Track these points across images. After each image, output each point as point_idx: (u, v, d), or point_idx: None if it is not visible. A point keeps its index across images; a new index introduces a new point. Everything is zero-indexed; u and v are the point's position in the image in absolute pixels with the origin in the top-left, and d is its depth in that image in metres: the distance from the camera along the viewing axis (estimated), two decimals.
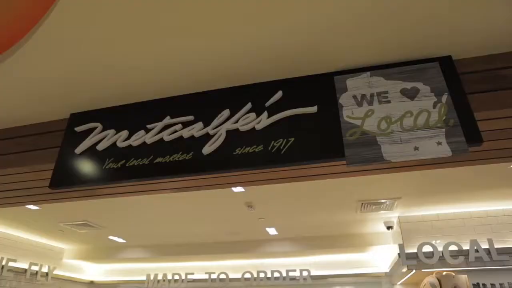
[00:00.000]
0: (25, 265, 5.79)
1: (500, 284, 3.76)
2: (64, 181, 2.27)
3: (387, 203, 4.16)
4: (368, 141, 1.80)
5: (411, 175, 3.47)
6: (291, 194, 3.97)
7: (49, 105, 2.42)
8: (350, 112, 1.90)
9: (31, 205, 4.31)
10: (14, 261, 5.56)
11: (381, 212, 4.49)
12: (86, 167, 2.24)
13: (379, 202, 4.17)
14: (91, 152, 2.27)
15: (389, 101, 1.89)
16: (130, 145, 2.17)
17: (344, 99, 1.95)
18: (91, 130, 2.33)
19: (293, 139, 1.89)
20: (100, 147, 2.25)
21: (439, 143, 1.74)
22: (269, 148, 1.88)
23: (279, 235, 5.62)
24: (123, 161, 2.13)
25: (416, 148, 1.75)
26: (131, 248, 6.47)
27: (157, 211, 4.67)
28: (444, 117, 1.79)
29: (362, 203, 4.20)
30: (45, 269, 6.10)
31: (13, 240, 5.72)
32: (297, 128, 1.92)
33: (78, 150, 2.29)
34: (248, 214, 4.53)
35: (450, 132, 1.75)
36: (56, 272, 6.34)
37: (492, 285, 3.80)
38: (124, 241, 6.16)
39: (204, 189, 2.50)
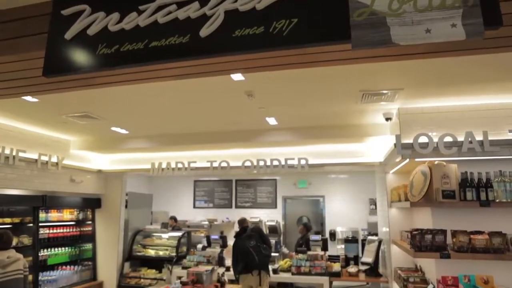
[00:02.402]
0: (34, 156, 6.04)
1: (486, 173, 3.95)
2: (57, 69, 2.21)
3: (389, 94, 4.13)
4: (376, 22, 1.68)
5: (416, 66, 3.36)
6: (292, 83, 3.90)
7: None
8: None
9: (29, 97, 4.28)
10: (24, 151, 5.77)
11: (382, 103, 4.48)
12: (79, 53, 2.15)
13: (380, 93, 4.13)
14: (82, 37, 2.15)
15: None
16: (123, 29, 2.04)
17: None
18: (79, 13, 2.17)
19: (296, 19, 1.75)
20: (90, 31, 2.12)
21: (453, 25, 1.62)
22: (271, 30, 1.76)
23: (279, 125, 5.72)
24: (117, 46, 2.03)
25: (428, 31, 1.64)
26: (135, 139, 6.67)
27: (157, 102, 4.67)
28: None
29: (363, 94, 4.17)
30: (54, 159, 6.38)
31: (19, 132, 5.86)
32: (300, 8, 1.77)
33: (68, 35, 2.17)
34: (248, 103, 4.53)
35: (468, 13, 1.61)
36: (65, 162, 6.65)
37: (479, 173, 3.99)
38: (127, 132, 6.31)
39: (203, 76, 2.44)
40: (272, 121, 5.50)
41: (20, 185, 5.92)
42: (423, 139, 4.13)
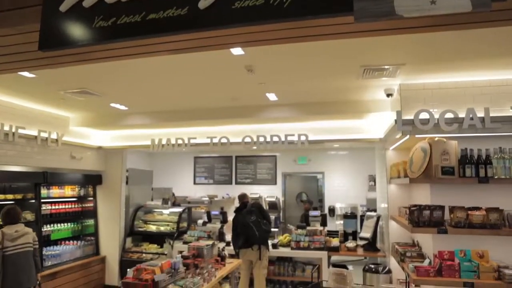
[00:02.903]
0: (34, 132, 6.03)
1: (486, 149, 3.95)
2: (53, 42, 2.15)
3: (390, 69, 4.07)
4: None
5: (418, 40, 3.30)
6: (292, 58, 3.84)
7: None
8: None
9: (25, 72, 4.21)
10: (23, 128, 5.76)
11: (383, 78, 4.42)
12: (75, 26, 2.09)
13: (382, 68, 4.07)
14: (77, 10, 2.08)
15: None
16: (119, 1, 1.98)
17: None
18: None
19: None
20: (86, 3, 2.05)
21: None
22: (271, 1, 1.71)
23: (279, 100, 5.67)
24: (114, 19, 1.98)
25: (432, 2, 1.59)
26: (134, 115, 6.64)
27: (156, 78, 4.61)
28: None
29: (364, 69, 4.11)
30: (54, 136, 6.37)
31: (17, 109, 5.81)
32: None
33: (63, 7, 2.10)
34: (248, 79, 4.47)
35: None
36: (65, 138, 6.64)
37: (479, 150, 3.99)
38: (126, 108, 6.27)
39: (202, 50, 2.39)
40: (272, 97, 5.46)
41: (20, 162, 5.94)
42: (424, 115, 4.11)
